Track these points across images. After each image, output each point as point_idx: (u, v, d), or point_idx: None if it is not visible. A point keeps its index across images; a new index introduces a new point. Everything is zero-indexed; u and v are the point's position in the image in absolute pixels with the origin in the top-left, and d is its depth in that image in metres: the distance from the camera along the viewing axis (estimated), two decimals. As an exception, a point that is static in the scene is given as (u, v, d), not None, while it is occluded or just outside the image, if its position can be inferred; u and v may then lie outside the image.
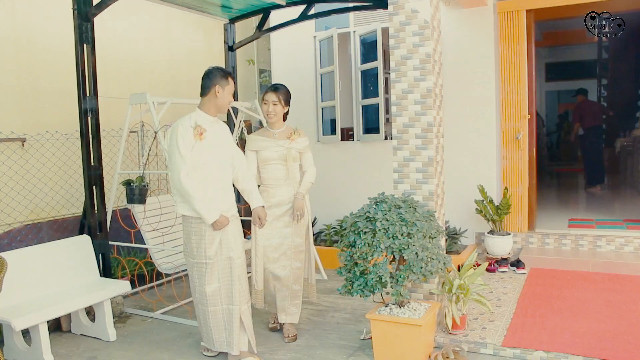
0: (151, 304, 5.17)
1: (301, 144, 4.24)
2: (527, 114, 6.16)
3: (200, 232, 3.62)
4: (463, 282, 3.89)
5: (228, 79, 3.70)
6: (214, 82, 3.65)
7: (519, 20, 6.10)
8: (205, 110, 3.70)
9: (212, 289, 3.68)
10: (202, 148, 3.58)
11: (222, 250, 3.68)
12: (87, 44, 4.70)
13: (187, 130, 3.54)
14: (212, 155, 3.64)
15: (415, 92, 3.98)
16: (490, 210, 5.89)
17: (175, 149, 3.52)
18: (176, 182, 3.52)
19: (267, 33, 6.64)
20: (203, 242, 3.63)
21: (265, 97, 4.18)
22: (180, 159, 3.50)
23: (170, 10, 6.47)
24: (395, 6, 4.03)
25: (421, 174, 3.99)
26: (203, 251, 3.63)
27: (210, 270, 3.66)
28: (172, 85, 7.16)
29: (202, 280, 3.69)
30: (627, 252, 5.76)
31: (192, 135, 3.53)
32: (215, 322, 3.74)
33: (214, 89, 3.64)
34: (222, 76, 3.67)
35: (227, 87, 3.69)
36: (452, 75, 6.36)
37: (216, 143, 3.69)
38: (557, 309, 4.48)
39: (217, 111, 3.75)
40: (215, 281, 3.68)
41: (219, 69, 3.71)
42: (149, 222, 5.05)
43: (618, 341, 3.78)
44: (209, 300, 3.69)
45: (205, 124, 3.63)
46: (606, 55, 12.83)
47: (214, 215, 3.56)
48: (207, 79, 3.68)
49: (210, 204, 3.56)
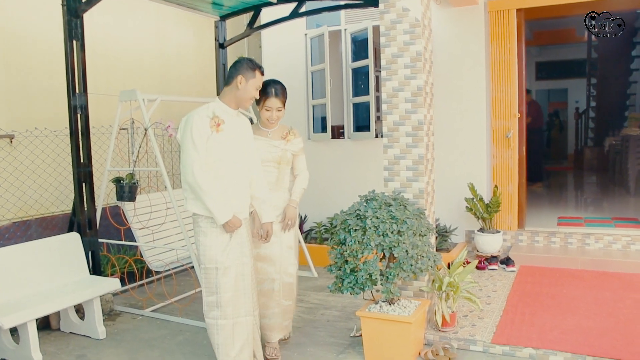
0: (141, 301, 5.16)
1: (296, 145, 3.90)
2: (517, 112, 6.19)
3: (210, 234, 3.30)
4: (453, 279, 3.91)
5: (255, 72, 3.36)
6: (239, 71, 3.33)
7: (510, 19, 6.13)
8: (226, 102, 3.37)
9: (226, 298, 3.31)
10: (219, 141, 3.25)
11: (234, 254, 3.35)
12: (77, 40, 4.67)
13: (203, 120, 3.22)
14: (228, 150, 3.31)
15: (405, 90, 3.98)
16: (481, 208, 5.91)
17: (189, 139, 3.20)
18: (188, 176, 3.20)
19: (258, 30, 6.62)
20: (213, 245, 3.30)
21: (267, 103, 3.73)
22: (194, 151, 3.18)
23: (161, 7, 6.44)
24: (386, 4, 4.03)
25: (411, 172, 4.00)
26: (213, 255, 3.30)
27: (222, 277, 3.30)
28: (162, 83, 7.13)
29: (211, 288, 3.33)
30: (615, 249, 5.81)
31: (209, 125, 3.22)
32: (223, 337, 3.35)
33: (237, 79, 3.31)
34: (250, 67, 3.35)
35: (251, 80, 3.34)
36: (443, 74, 6.37)
37: (234, 137, 3.35)
38: (546, 306, 4.51)
39: (237, 105, 3.40)
40: (229, 289, 3.32)
41: (249, 60, 3.39)
42: (139, 220, 5.04)
43: (606, 338, 3.82)
44: (221, 312, 3.33)
45: (223, 115, 3.31)
46: (596, 55, 12.93)
47: (227, 214, 3.23)
48: (232, 68, 3.38)
49: (223, 203, 3.23)
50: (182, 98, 6.19)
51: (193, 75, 7.65)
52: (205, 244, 3.31)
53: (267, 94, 3.71)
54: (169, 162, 6.82)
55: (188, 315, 4.77)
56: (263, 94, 3.69)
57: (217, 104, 3.35)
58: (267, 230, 3.57)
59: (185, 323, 4.63)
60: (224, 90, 3.41)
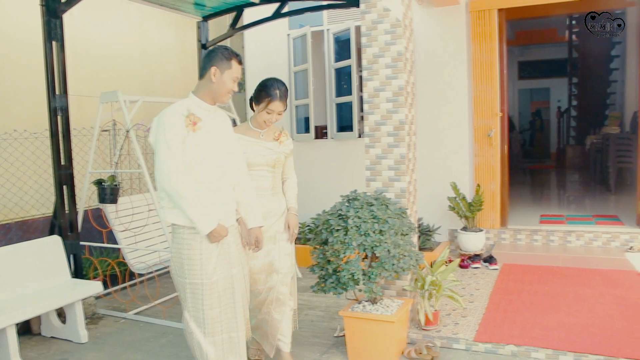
0: (124, 304, 5.12)
1: (288, 147, 3.62)
2: (499, 111, 6.24)
3: (194, 246, 2.93)
4: (435, 278, 3.93)
5: (231, 61, 2.98)
6: (212, 62, 2.96)
7: (491, 19, 6.17)
8: (201, 97, 2.99)
9: (211, 316, 2.96)
10: (196, 141, 2.89)
11: (221, 267, 3.00)
12: (57, 41, 4.63)
13: (178, 119, 2.85)
14: (208, 151, 2.95)
15: (387, 90, 4.00)
16: (463, 207, 5.95)
17: (162, 142, 2.83)
18: (164, 182, 2.83)
19: (240, 31, 6.61)
20: (197, 257, 2.94)
21: (270, 106, 3.38)
22: (169, 154, 2.81)
23: (143, 8, 6.41)
24: (367, 4, 4.04)
25: (393, 172, 4.02)
26: (198, 269, 2.93)
27: (208, 292, 2.94)
28: (145, 83, 7.09)
29: (197, 305, 2.96)
30: (595, 246, 5.88)
31: (184, 125, 2.85)
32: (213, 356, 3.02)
33: (211, 71, 2.94)
34: (225, 57, 2.97)
35: (227, 71, 2.96)
36: (425, 73, 6.41)
37: (214, 136, 3.00)
38: (529, 304, 4.55)
39: (214, 100, 3.02)
40: (215, 305, 2.97)
41: (224, 48, 3.02)
42: (121, 222, 5.00)
43: (586, 334, 3.86)
44: (207, 329, 2.97)
45: (199, 112, 2.94)
46: (577, 55, 13.07)
47: (211, 223, 2.88)
48: (205, 58, 3.01)
49: (206, 210, 2.88)
50: (164, 99, 6.15)
51: (176, 76, 7.61)
52: (190, 257, 2.94)
53: (271, 97, 3.38)
54: (151, 164, 6.77)
55: (172, 317, 4.75)
56: (267, 96, 3.39)
57: (191, 99, 2.99)
58: (257, 237, 3.20)
59: (169, 325, 4.61)
60: (198, 84, 3.05)
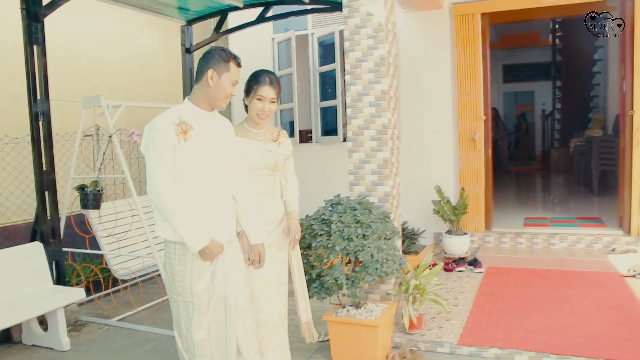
0: (107, 311, 5.07)
1: (288, 148, 3.38)
2: (483, 115, 6.28)
3: (186, 262, 2.76)
4: (419, 282, 3.93)
5: (230, 63, 2.79)
6: (209, 64, 2.77)
7: (474, 24, 6.21)
8: (196, 102, 2.80)
9: (200, 337, 2.79)
10: (188, 151, 2.72)
11: (214, 287, 2.81)
12: (38, 45, 4.58)
13: (168, 127, 2.68)
14: (201, 161, 2.77)
15: (370, 94, 4.01)
16: (448, 210, 5.97)
17: (151, 151, 2.67)
18: (152, 195, 2.67)
19: (224, 35, 6.60)
20: (189, 275, 2.76)
21: (259, 91, 3.15)
22: (158, 165, 2.65)
23: (126, 11, 6.36)
24: (350, 9, 4.05)
25: (376, 176, 4.03)
26: (189, 287, 2.75)
27: (198, 312, 2.77)
28: (128, 88, 7.04)
29: (188, 324, 2.79)
30: (578, 249, 5.93)
31: (174, 133, 2.69)
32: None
33: (207, 74, 2.76)
34: (223, 59, 2.78)
35: (225, 74, 2.78)
36: (409, 77, 6.44)
37: (209, 144, 2.81)
38: (512, 307, 4.57)
39: (211, 105, 2.83)
40: (204, 327, 2.80)
41: (221, 49, 2.83)
42: (104, 228, 4.96)
43: (569, 335, 3.89)
44: (196, 352, 2.81)
45: (192, 119, 2.76)
46: (560, 58, 13.20)
47: (202, 240, 2.70)
48: (202, 61, 2.82)
49: (197, 225, 2.71)
50: (147, 104, 6.12)
51: (160, 80, 7.57)
52: (182, 274, 2.77)
53: (259, 82, 3.16)
54: (135, 169, 6.73)
55: (155, 323, 4.71)
56: (255, 82, 3.17)
57: (185, 106, 2.81)
58: (259, 253, 3.01)
59: (153, 332, 4.57)
60: (193, 88, 2.87)
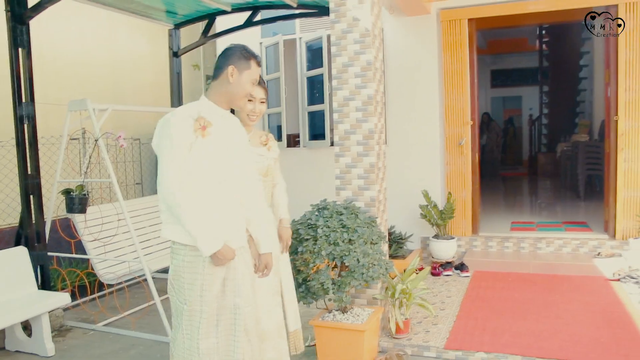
0: (93, 316, 5.03)
1: (276, 151, 3.36)
2: (470, 120, 6.31)
3: (196, 268, 2.61)
4: (406, 287, 3.94)
5: (251, 61, 2.72)
6: (229, 60, 2.69)
7: (461, 29, 6.25)
8: (214, 99, 2.71)
9: (207, 346, 2.63)
10: (205, 148, 2.59)
11: (225, 294, 2.67)
12: (23, 47, 4.56)
13: (186, 122, 2.56)
14: (217, 160, 2.64)
15: (356, 99, 4.02)
16: (435, 215, 5.99)
17: (167, 147, 2.55)
18: (165, 193, 2.53)
19: (212, 39, 6.59)
20: (199, 282, 2.61)
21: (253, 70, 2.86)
22: (174, 162, 2.52)
23: (113, 15, 6.34)
24: (336, 14, 4.06)
25: (363, 181, 4.03)
26: (198, 294, 2.61)
27: (206, 320, 2.63)
28: (115, 91, 7.01)
29: (193, 333, 2.63)
30: (564, 253, 5.96)
31: (192, 129, 2.57)
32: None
33: (228, 70, 2.67)
34: (244, 56, 2.71)
35: (246, 71, 2.70)
36: (397, 82, 6.46)
37: (225, 144, 2.69)
38: (499, 311, 4.59)
39: (229, 104, 2.74)
40: (212, 336, 2.65)
41: (242, 47, 2.76)
42: (90, 232, 4.92)
43: (554, 339, 3.91)
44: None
45: (211, 116, 2.65)
46: (547, 64, 13.31)
47: (216, 244, 2.56)
48: (222, 57, 2.73)
49: (211, 227, 2.57)
50: (134, 107, 6.11)
51: (148, 84, 7.55)
52: (191, 282, 2.62)
53: None
54: (122, 173, 6.71)
55: (141, 328, 4.68)
56: None
57: (203, 102, 2.71)
58: (267, 263, 2.90)
59: (139, 336, 4.54)
60: (211, 85, 2.77)
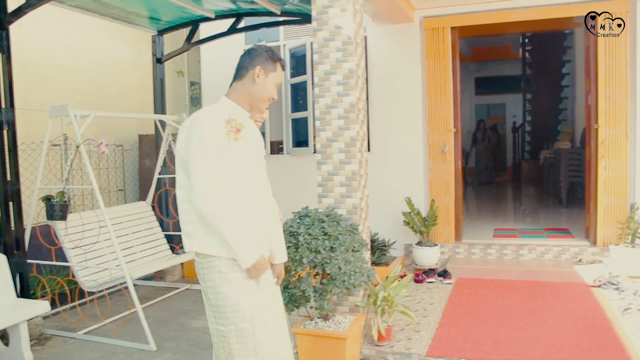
0: (73, 324, 4.97)
1: None
2: (453, 127, 6.35)
3: (234, 281, 2.40)
4: (387, 294, 3.94)
5: (277, 64, 2.60)
6: (255, 61, 2.54)
7: (444, 37, 6.29)
8: (237, 101, 2.54)
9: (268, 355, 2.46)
10: (236, 152, 2.40)
11: (261, 306, 2.48)
12: (3, 52, 4.52)
13: (219, 125, 2.37)
14: (247, 165, 2.48)
15: (338, 107, 4.03)
16: (418, 222, 6.00)
17: (199, 153, 2.33)
18: (202, 204, 2.31)
19: (196, 45, 6.58)
20: (240, 295, 2.41)
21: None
22: (209, 169, 2.32)
23: (97, 20, 6.31)
24: (319, 22, 4.07)
25: (345, 188, 4.04)
26: (245, 309, 2.40)
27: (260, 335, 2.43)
28: (98, 97, 6.97)
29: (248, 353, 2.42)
30: (546, 259, 6.01)
31: (224, 132, 2.37)
32: None
33: (255, 70, 2.52)
34: (270, 58, 2.58)
35: (271, 74, 2.57)
36: (380, 90, 6.49)
37: (251, 148, 2.54)
38: (481, 318, 4.60)
39: (251, 106, 2.58)
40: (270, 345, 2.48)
41: (268, 48, 2.62)
42: (71, 239, 4.88)
43: (536, 346, 3.93)
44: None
45: (240, 119, 2.49)
46: (530, 72, 13.44)
47: (254, 254, 2.40)
48: (247, 57, 2.57)
49: (248, 238, 2.41)
50: (117, 114, 6.08)
51: (131, 90, 7.51)
52: (233, 296, 2.40)
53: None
54: (105, 179, 6.66)
55: (122, 336, 4.64)
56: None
57: (228, 103, 2.53)
58: (280, 273, 2.73)
59: (119, 344, 4.50)
60: (233, 86, 2.58)
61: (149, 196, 6.11)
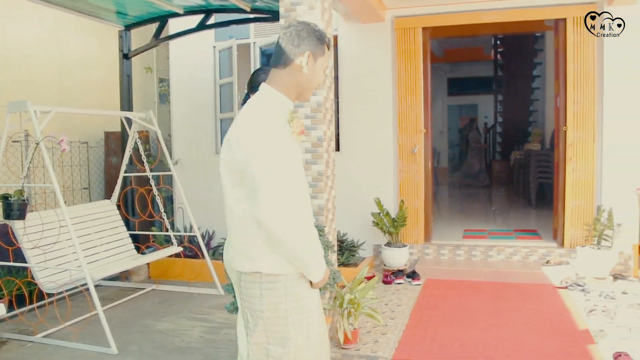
0: (31, 327, 4.81)
1: None
2: (423, 128, 6.33)
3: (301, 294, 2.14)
4: (354, 297, 3.90)
5: (325, 47, 2.17)
6: (304, 46, 2.10)
7: (415, 37, 6.28)
8: (284, 92, 2.14)
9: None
10: (299, 157, 2.16)
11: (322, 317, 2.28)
12: (-42, 47, 4.35)
13: (284, 127, 2.07)
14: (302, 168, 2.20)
15: (305, 106, 3.96)
16: (387, 222, 5.97)
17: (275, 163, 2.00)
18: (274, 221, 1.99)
19: (164, 41, 6.45)
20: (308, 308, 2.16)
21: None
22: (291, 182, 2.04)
23: (59, 14, 6.13)
24: (286, 19, 4.00)
25: (311, 189, 3.97)
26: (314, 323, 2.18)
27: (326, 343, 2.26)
28: (62, 93, 6.78)
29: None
30: (515, 261, 6.03)
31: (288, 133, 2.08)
32: None
33: (304, 56, 2.11)
34: (319, 40, 2.14)
35: (320, 58, 2.16)
36: (350, 89, 6.44)
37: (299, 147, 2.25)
38: (449, 319, 4.59)
39: (297, 96, 2.19)
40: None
41: (314, 26, 2.17)
42: (30, 239, 4.72)
43: (502, 348, 3.95)
44: None
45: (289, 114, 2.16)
46: (501, 73, 13.56)
47: (324, 266, 2.19)
48: (295, 38, 2.12)
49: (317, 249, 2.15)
50: (80, 110, 5.90)
51: (97, 85, 7.33)
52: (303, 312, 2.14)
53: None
54: (68, 177, 6.48)
55: (83, 339, 4.50)
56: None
57: (277, 96, 2.13)
58: None
59: (80, 348, 4.36)
60: (275, 74, 2.16)
61: (114, 195, 5.96)
